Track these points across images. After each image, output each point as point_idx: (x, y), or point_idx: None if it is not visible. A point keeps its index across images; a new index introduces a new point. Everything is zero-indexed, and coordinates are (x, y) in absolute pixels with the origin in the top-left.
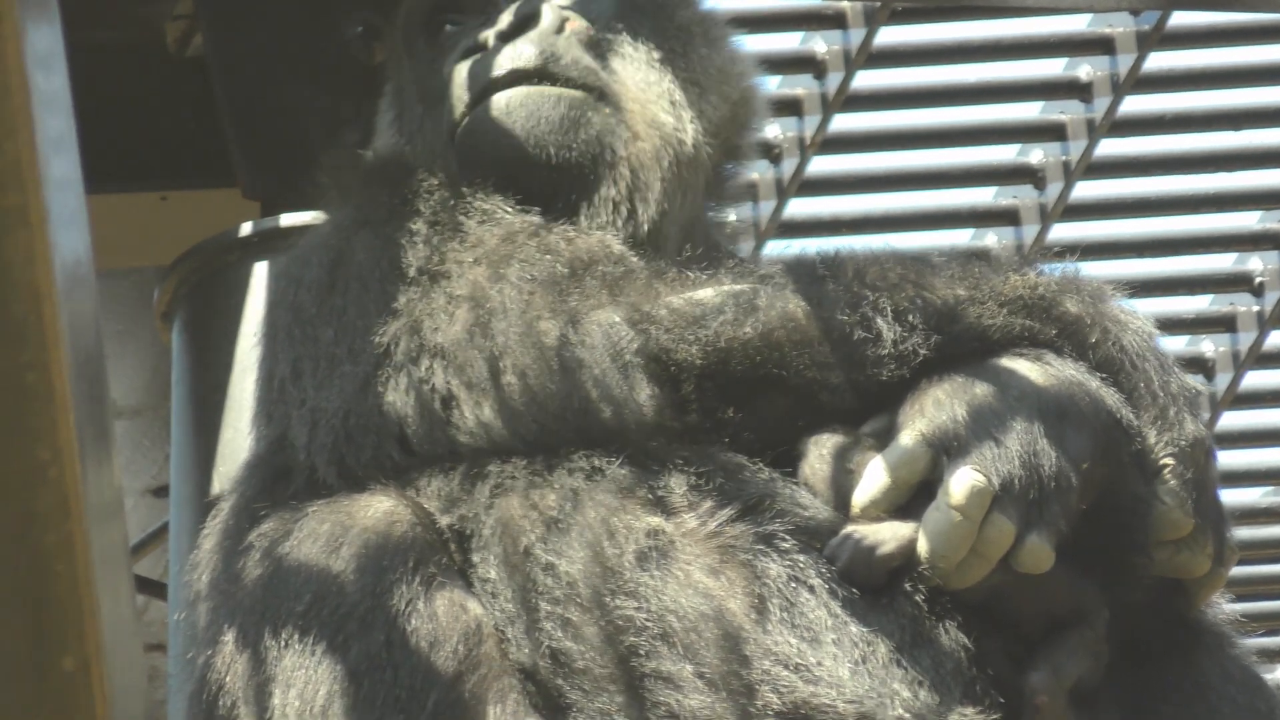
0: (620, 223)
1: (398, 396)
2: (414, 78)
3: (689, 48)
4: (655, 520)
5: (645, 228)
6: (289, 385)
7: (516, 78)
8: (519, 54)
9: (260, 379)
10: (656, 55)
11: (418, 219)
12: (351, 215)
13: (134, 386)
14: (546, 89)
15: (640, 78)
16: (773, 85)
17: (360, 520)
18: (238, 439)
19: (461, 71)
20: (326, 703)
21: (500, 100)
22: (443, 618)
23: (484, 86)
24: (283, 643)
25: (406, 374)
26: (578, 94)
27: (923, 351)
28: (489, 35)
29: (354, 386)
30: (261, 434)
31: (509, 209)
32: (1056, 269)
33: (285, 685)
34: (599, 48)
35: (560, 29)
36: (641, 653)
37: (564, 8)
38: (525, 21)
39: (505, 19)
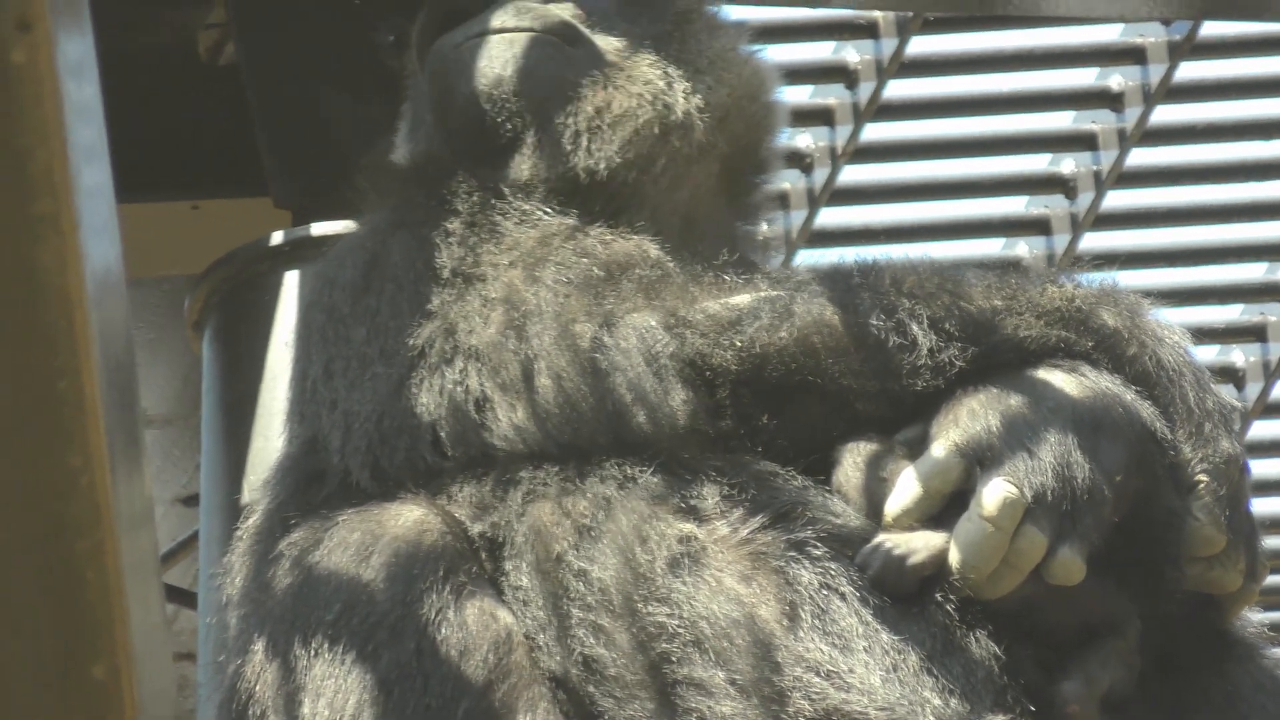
0: (579, 154)
1: (431, 398)
2: (425, 85)
3: (686, 32)
4: (687, 527)
5: (603, 169)
6: (321, 386)
7: (487, 32)
8: (494, 19)
9: (294, 379)
10: (651, 33)
11: (454, 220)
12: (387, 217)
13: (165, 395)
14: (515, 34)
15: (630, 49)
16: (805, 95)
17: (390, 529)
18: (268, 448)
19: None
20: (356, 712)
21: (466, 44)
22: (473, 626)
23: (456, 45)
24: (313, 651)
25: (440, 376)
26: (549, 37)
27: (959, 363)
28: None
29: (388, 388)
30: (294, 434)
31: (547, 210)
32: (1093, 280)
33: (315, 694)
34: (591, 24)
35: (547, 5)
36: (673, 659)
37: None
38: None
39: (498, 11)
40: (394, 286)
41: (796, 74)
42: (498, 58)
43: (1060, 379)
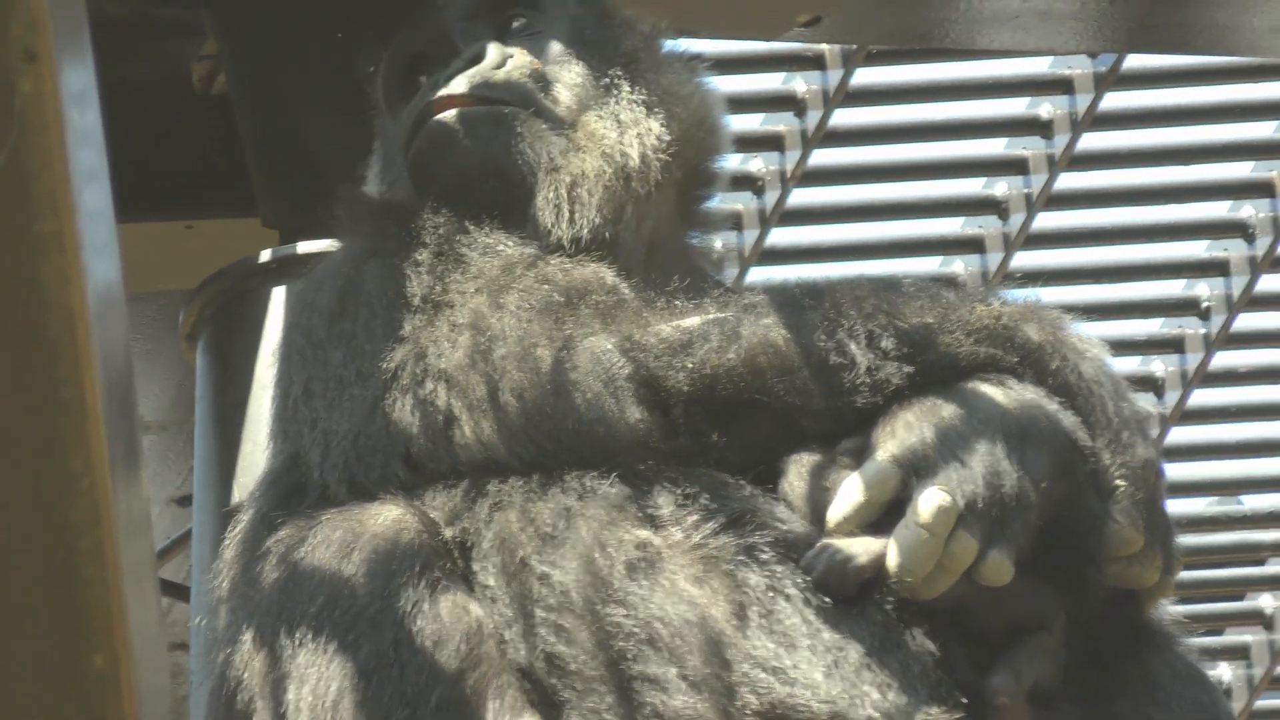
0: (564, 226)
1: (404, 417)
2: (392, 131)
3: (635, 73)
4: (644, 533)
5: (587, 234)
6: (301, 405)
7: (447, 104)
8: (453, 85)
9: (276, 397)
10: (603, 81)
11: (423, 250)
12: (362, 245)
13: (160, 403)
14: (478, 108)
15: (582, 100)
16: (756, 122)
17: (370, 527)
18: (256, 452)
19: (405, 113)
20: (338, 698)
21: (434, 125)
22: (446, 619)
23: (419, 117)
24: (297, 642)
25: (412, 396)
26: (509, 109)
27: (895, 380)
28: (439, 78)
29: (363, 409)
30: (277, 450)
31: (509, 242)
32: (1018, 298)
33: (299, 681)
34: (544, 78)
35: (502, 64)
36: (630, 656)
37: (511, 47)
38: (470, 62)
39: (455, 63)
40: (368, 312)
41: (749, 102)
42: (469, 145)
43: (989, 392)
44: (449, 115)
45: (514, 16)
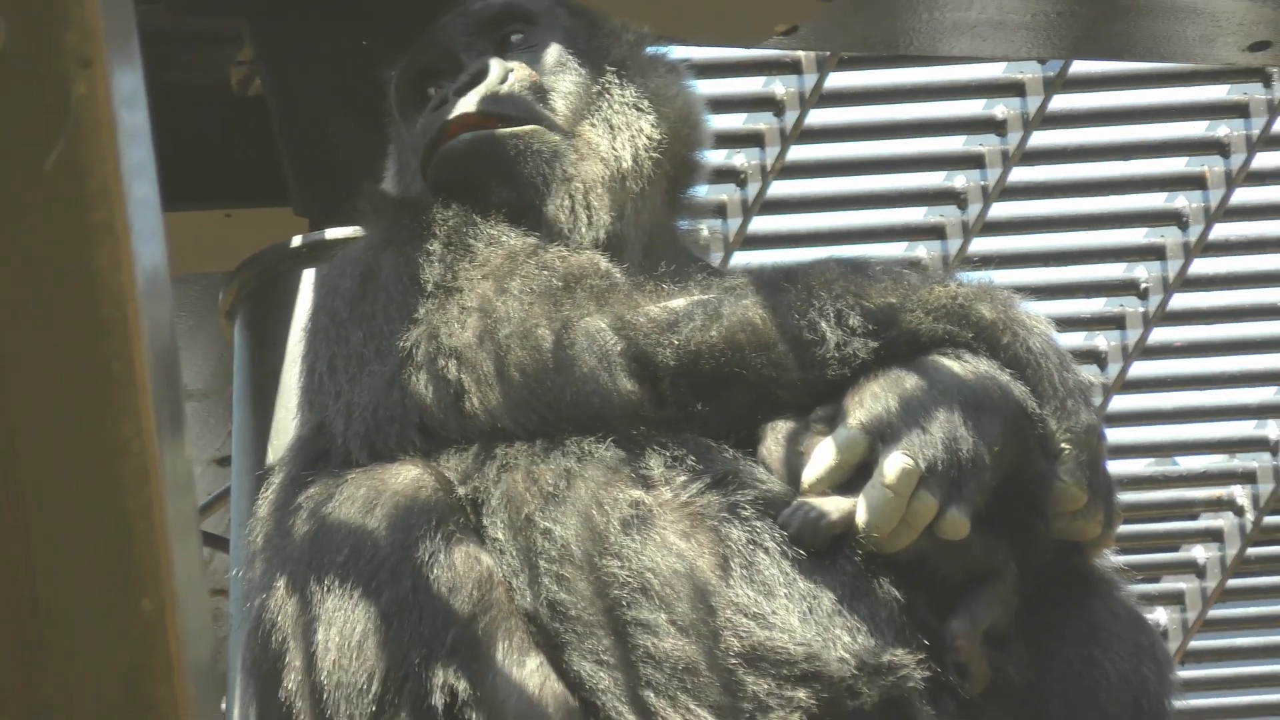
0: (583, 230)
1: (418, 390)
2: (406, 138)
3: (624, 78)
4: (637, 493)
5: (602, 234)
6: (326, 379)
7: (462, 125)
8: (464, 105)
9: (303, 372)
10: (595, 88)
11: (435, 241)
12: (381, 235)
13: (202, 374)
14: (491, 131)
15: (577, 108)
16: (740, 121)
17: (391, 485)
18: (288, 418)
19: (420, 128)
20: (362, 639)
21: (448, 151)
22: (460, 567)
23: (434, 138)
24: (325, 588)
25: (426, 371)
26: (521, 129)
27: (862, 354)
28: (448, 93)
29: (381, 383)
30: (305, 419)
31: (513, 233)
32: (973, 279)
33: (327, 624)
34: (542, 90)
35: (505, 79)
36: (624, 604)
37: (511, 61)
38: (475, 78)
39: (462, 77)
40: (385, 296)
41: (732, 104)
42: (487, 165)
43: (947, 365)
44: (464, 140)
45: (512, 32)
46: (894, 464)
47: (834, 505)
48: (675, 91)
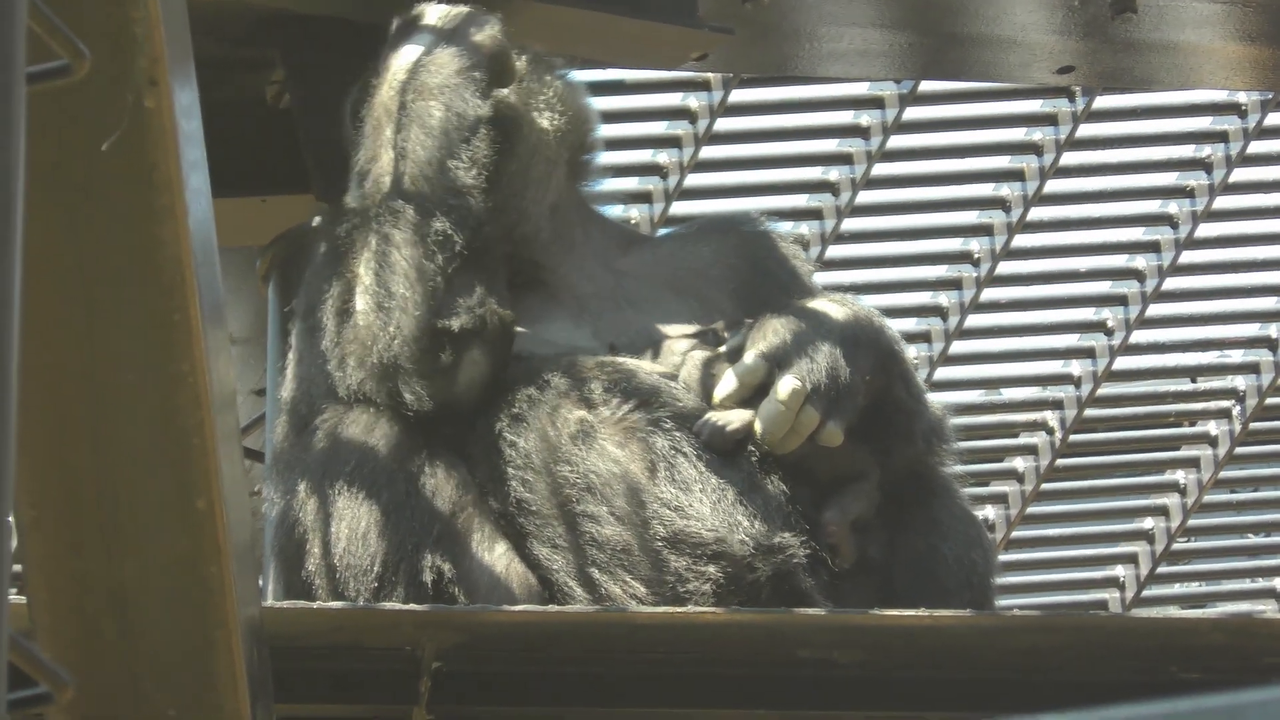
0: (519, 223)
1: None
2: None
3: (536, 88)
4: (582, 413)
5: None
6: (306, 355)
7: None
8: None
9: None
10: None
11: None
12: (331, 249)
13: (243, 323)
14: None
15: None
16: (662, 127)
17: (387, 413)
18: None
19: None
20: (366, 530)
21: None
22: (441, 475)
23: None
24: (337, 491)
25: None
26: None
27: None
28: None
29: (330, 362)
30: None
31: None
32: None
33: (339, 519)
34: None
35: None
36: (574, 500)
37: None
38: None
39: None
40: (327, 293)
41: (656, 113)
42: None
43: (835, 307)
44: None
45: None
46: (786, 385)
47: (737, 416)
48: (574, 99)
